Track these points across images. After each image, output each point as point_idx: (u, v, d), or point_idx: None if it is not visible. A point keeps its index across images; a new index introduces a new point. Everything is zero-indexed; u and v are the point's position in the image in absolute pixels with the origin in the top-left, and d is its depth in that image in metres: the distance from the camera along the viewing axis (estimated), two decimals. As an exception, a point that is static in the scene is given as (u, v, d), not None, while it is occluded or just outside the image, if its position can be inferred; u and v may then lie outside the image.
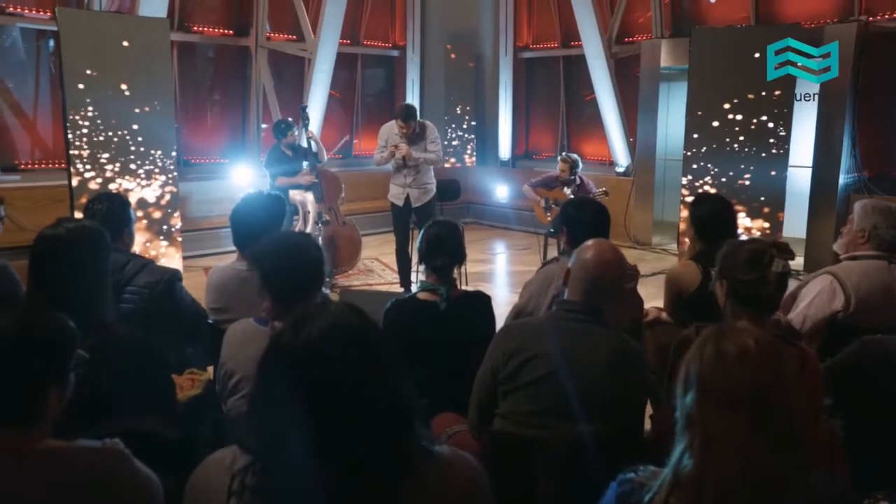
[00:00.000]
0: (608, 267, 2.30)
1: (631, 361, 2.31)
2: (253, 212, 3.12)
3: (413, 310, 2.98)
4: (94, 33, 6.81)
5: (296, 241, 2.42)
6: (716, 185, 7.67)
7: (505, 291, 7.12)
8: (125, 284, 3.17)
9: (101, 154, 6.97)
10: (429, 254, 2.99)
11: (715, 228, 3.45)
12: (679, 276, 3.43)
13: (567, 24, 10.59)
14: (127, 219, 3.30)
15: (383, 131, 6.42)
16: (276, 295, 2.32)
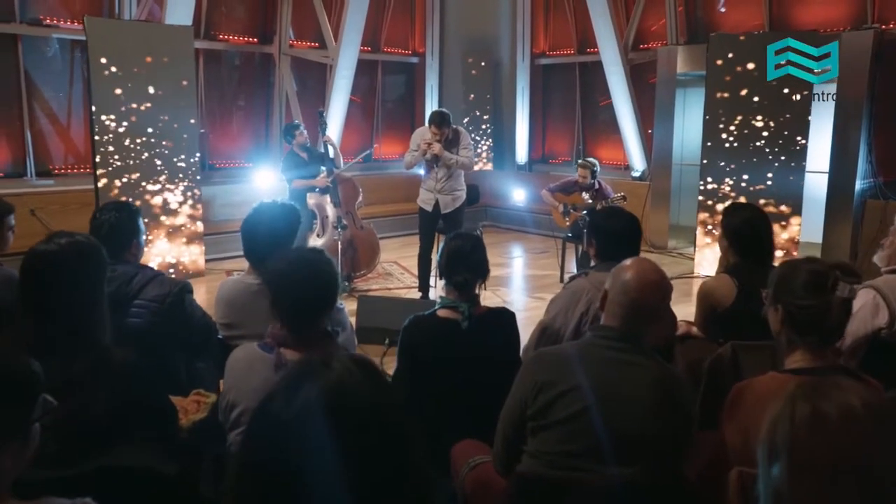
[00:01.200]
0: (651, 290, 1.97)
1: (676, 396, 1.96)
2: (265, 222, 2.80)
3: (433, 328, 2.66)
4: (121, 41, 6.58)
5: (308, 259, 2.11)
6: (733, 190, 7.30)
7: (522, 296, 6.77)
8: (133, 298, 2.88)
9: (126, 159, 6.73)
10: (450, 269, 2.66)
11: (750, 240, 3.11)
12: (712, 291, 3.07)
13: (583, 32, 10.23)
14: (135, 229, 3.00)
15: (416, 135, 6.12)
16: (285, 315, 2.01)
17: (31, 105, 7.96)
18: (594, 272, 2.85)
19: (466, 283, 2.63)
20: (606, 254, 2.87)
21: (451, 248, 2.69)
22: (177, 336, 2.95)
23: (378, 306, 5.30)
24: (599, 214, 2.99)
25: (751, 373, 2.91)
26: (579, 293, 2.80)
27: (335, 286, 2.09)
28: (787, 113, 6.96)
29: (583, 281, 2.83)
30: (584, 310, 2.76)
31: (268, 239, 2.77)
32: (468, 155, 5.97)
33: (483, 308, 2.71)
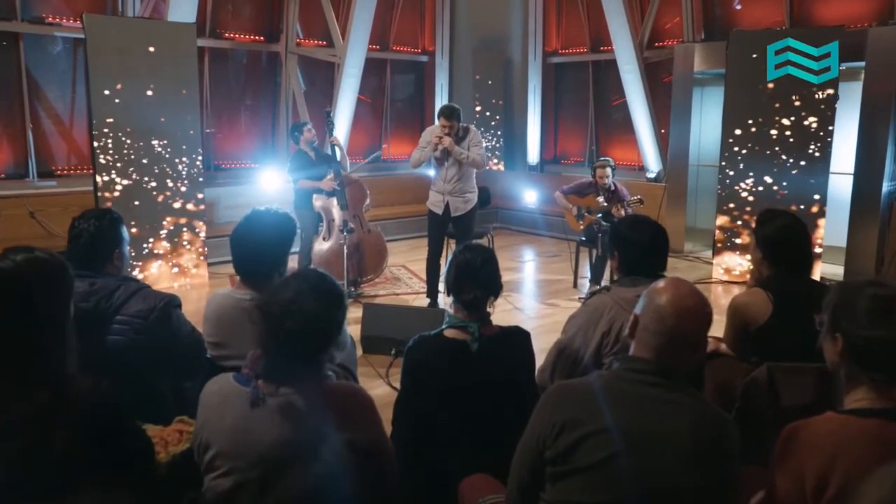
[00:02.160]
0: (690, 317, 1.69)
1: (721, 441, 1.69)
2: (257, 232, 2.55)
3: (439, 350, 2.39)
4: (122, 39, 6.35)
5: (308, 287, 1.83)
6: (753, 193, 7.01)
7: (533, 302, 6.50)
8: (114, 313, 2.63)
9: (126, 160, 6.51)
10: (458, 285, 2.40)
11: (787, 250, 2.83)
12: (745, 306, 2.80)
13: (596, 29, 9.95)
14: (117, 238, 2.75)
15: (426, 133, 5.87)
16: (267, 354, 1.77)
17: (32, 105, 7.77)
18: (617, 287, 2.58)
19: (476, 301, 2.37)
20: (630, 267, 2.60)
21: (460, 262, 2.43)
22: (162, 355, 2.69)
23: (384, 314, 5.06)
24: (622, 224, 2.71)
25: (789, 398, 2.64)
26: (600, 311, 2.53)
27: (329, 319, 1.83)
28: (811, 111, 6.66)
29: (604, 297, 2.56)
30: (605, 329, 2.50)
31: (259, 251, 2.52)
32: (479, 153, 5.71)
33: (494, 328, 2.44)
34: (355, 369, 3.18)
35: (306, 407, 1.74)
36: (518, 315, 6.04)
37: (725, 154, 7.10)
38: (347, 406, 1.83)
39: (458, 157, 5.62)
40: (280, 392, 1.76)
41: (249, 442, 1.73)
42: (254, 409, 1.74)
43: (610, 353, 2.49)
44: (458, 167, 5.68)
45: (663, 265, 2.61)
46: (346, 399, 1.83)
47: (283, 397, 1.75)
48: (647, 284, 2.55)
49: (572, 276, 6.99)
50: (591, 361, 2.52)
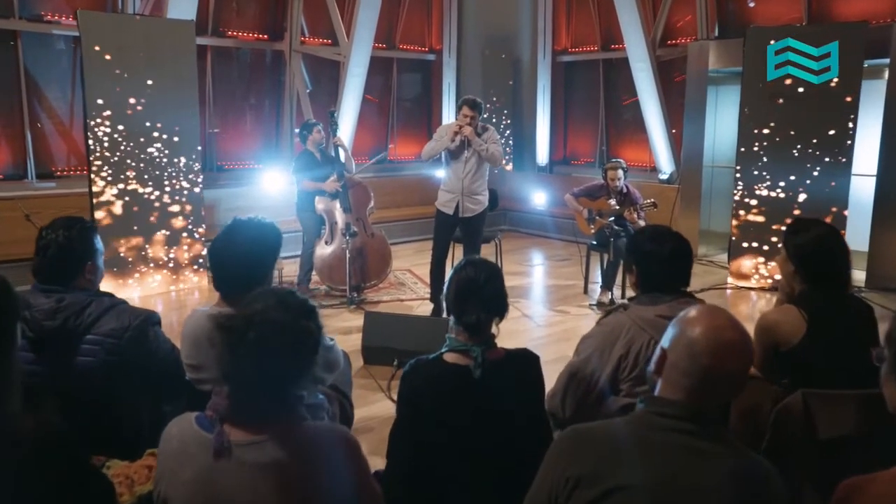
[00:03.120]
0: (728, 354, 1.43)
1: (764, 498, 1.42)
2: (238, 244, 2.30)
3: (438, 377, 2.14)
4: (117, 36, 6.13)
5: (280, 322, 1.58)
6: (771, 195, 6.73)
7: (542, 309, 6.23)
8: (84, 332, 2.40)
9: (123, 161, 6.29)
10: (459, 305, 2.15)
11: (822, 263, 2.57)
12: (776, 325, 2.53)
13: (607, 27, 9.67)
14: (89, 250, 2.51)
15: (442, 128, 5.67)
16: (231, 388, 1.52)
17: (31, 104, 7.57)
18: (635, 305, 2.32)
19: (479, 323, 2.11)
20: (650, 283, 2.34)
21: (461, 279, 2.17)
22: (138, 377, 2.46)
23: (385, 323, 4.81)
24: (642, 236, 2.44)
25: (828, 429, 2.37)
26: (617, 332, 2.27)
27: (305, 333, 1.58)
28: (832, 111, 6.37)
29: (621, 316, 2.31)
30: (622, 352, 2.24)
31: (240, 264, 2.27)
32: (497, 148, 5.49)
33: (499, 351, 2.19)
34: (350, 389, 2.94)
35: (281, 458, 1.50)
36: (526, 322, 5.78)
37: (742, 154, 6.81)
38: (329, 455, 1.58)
39: (478, 147, 5.39)
40: (249, 440, 1.51)
41: (212, 501, 1.49)
42: (218, 461, 1.49)
43: (628, 378, 2.24)
44: (476, 162, 5.44)
45: (686, 281, 2.35)
46: (327, 446, 1.58)
47: (253, 446, 1.51)
48: (668, 303, 2.31)
49: (583, 282, 6.73)
50: (606, 387, 2.26)
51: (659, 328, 2.22)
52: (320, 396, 2.49)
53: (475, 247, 5.55)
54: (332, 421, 2.56)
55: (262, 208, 8.43)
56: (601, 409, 2.28)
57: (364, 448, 3.55)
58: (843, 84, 6.29)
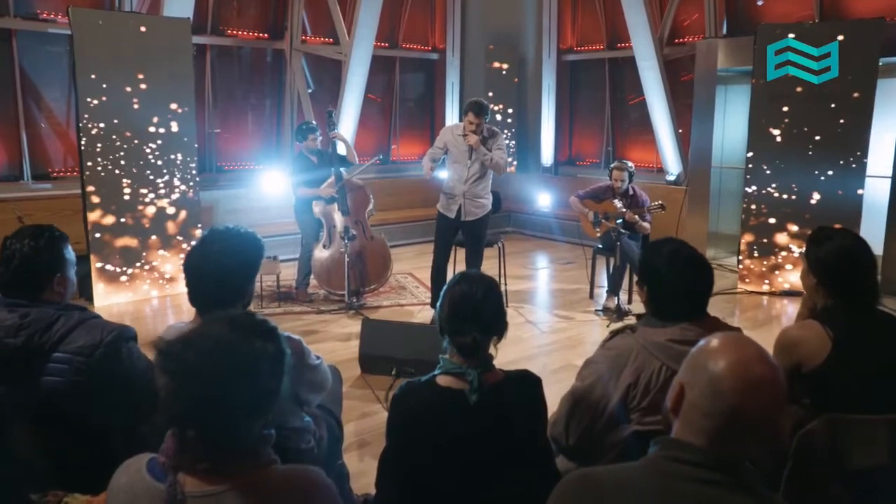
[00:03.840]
0: (759, 393, 1.23)
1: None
2: (214, 256, 2.10)
3: (431, 402, 1.95)
4: (111, 34, 5.96)
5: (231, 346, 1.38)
6: (782, 198, 6.51)
7: (547, 315, 6.03)
8: (51, 349, 2.22)
9: (116, 162, 6.11)
10: (453, 324, 1.96)
11: (848, 276, 2.37)
12: (798, 343, 2.33)
13: (613, 25, 9.47)
14: (58, 261, 2.33)
15: (444, 132, 5.44)
16: (179, 434, 1.33)
17: (27, 104, 7.40)
18: (644, 327, 2.12)
19: (476, 345, 1.92)
20: (661, 309, 2.13)
21: (456, 295, 1.98)
22: (110, 398, 2.27)
23: (384, 331, 4.62)
24: (656, 253, 2.16)
25: (857, 458, 2.17)
26: (625, 356, 2.07)
27: (267, 380, 1.38)
28: (846, 110, 6.16)
29: (629, 339, 2.10)
30: (631, 380, 2.04)
31: (216, 279, 2.08)
32: (502, 156, 5.29)
33: (498, 374, 1.99)
34: (339, 407, 2.75)
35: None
36: (530, 329, 5.59)
37: (752, 155, 6.60)
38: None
39: (483, 158, 5.20)
40: (206, 490, 1.32)
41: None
42: (172, 517, 1.30)
43: (637, 407, 2.04)
44: (480, 167, 5.26)
45: (702, 304, 2.14)
46: (298, 494, 1.38)
47: (210, 498, 1.32)
48: (681, 326, 2.10)
49: (588, 286, 6.53)
50: (614, 416, 2.07)
51: (671, 354, 2.03)
52: (306, 419, 2.31)
53: (477, 251, 5.37)
54: (319, 444, 2.37)
55: (261, 210, 8.31)
56: (608, 439, 2.08)
57: (357, 464, 3.40)
58: (856, 83, 6.08)
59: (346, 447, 3.61)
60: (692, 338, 2.06)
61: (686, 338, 2.06)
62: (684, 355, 2.06)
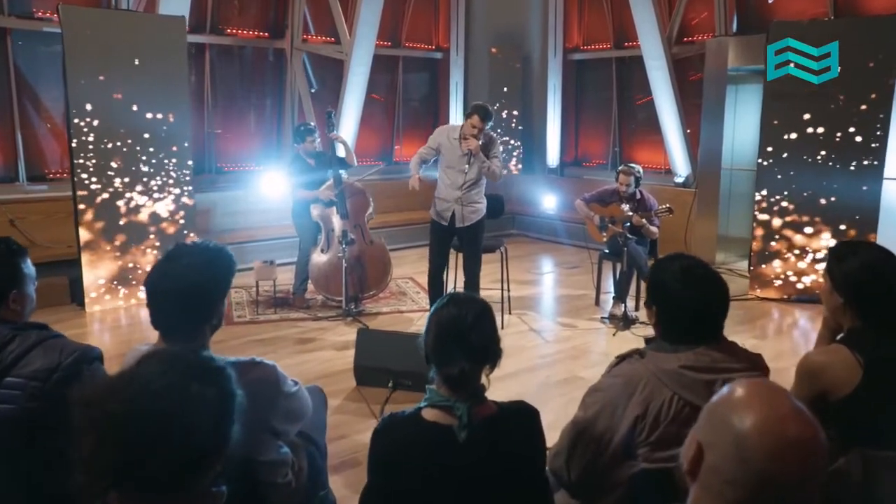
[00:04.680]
0: (796, 457, 1.02)
1: None
2: (177, 274, 1.89)
3: (416, 438, 1.75)
4: (102, 32, 5.77)
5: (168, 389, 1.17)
6: (794, 201, 6.28)
7: (551, 323, 5.81)
8: (3, 374, 2.02)
9: (109, 164, 5.93)
10: (440, 352, 1.75)
11: (878, 296, 2.14)
12: (823, 369, 2.11)
13: (620, 24, 9.23)
14: (14, 275, 2.15)
15: (437, 133, 5.21)
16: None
17: (22, 104, 7.23)
18: (653, 353, 1.91)
19: (464, 376, 1.71)
20: (672, 333, 1.92)
21: (444, 319, 1.77)
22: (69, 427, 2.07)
23: (380, 341, 4.43)
24: (667, 271, 1.96)
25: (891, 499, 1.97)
26: (632, 385, 1.86)
27: (210, 432, 1.17)
28: (862, 111, 5.92)
29: (637, 366, 1.89)
30: (639, 412, 1.83)
31: (180, 300, 1.88)
32: (499, 165, 5.07)
33: (490, 407, 1.78)
34: (323, 433, 2.54)
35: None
36: (534, 338, 5.37)
37: (764, 156, 6.37)
38: None
39: (481, 165, 4.97)
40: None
41: None
42: None
43: (646, 441, 1.84)
44: (476, 173, 5.04)
45: (718, 333, 1.93)
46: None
47: None
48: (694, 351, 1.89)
49: (594, 292, 6.31)
50: (620, 451, 1.86)
51: (683, 382, 1.82)
52: (283, 450, 2.11)
53: (475, 256, 5.15)
54: (297, 476, 2.17)
55: (260, 212, 8.11)
56: (613, 475, 1.87)
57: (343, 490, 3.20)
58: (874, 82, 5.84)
59: (337, 466, 3.42)
60: (707, 364, 1.86)
61: (700, 364, 1.85)
62: (697, 384, 1.86)
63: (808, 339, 5.48)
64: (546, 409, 4.11)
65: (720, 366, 1.85)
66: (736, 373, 1.85)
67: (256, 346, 5.17)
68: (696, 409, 1.82)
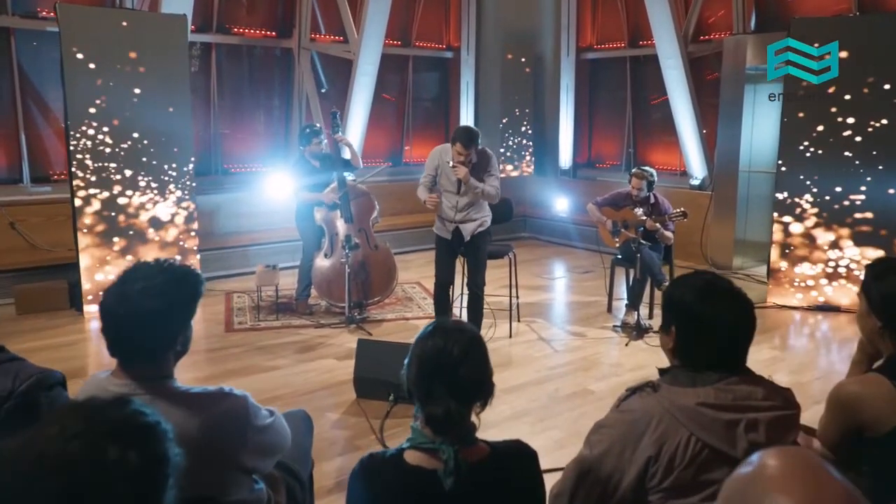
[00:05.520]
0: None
1: None
2: (137, 297, 1.69)
3: (396, 484, 1.53)
4: (101, 31, 5.60)
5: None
6: (817, 204, 6.01)
7: (561, 332, 5.58)
8: (-49, 400, 1.83)
9: (108, 167, 5.77)
10: (422, 388, 1.54)
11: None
12: (860, 402, 1.88)
13: (635, 22, 8.97)
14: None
15: (433, 156, 4.94)
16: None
17: (26, 105, 7.10)
18: (669, 386, 1.68)
19: (450, 417, 1.49)
20: (691, 359, 1.70)
21: (427, 352, 1.56)
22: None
23: (381, 352, 4.21)
24: (686, 288, 1.73)
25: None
26: (644, 423, 1.63)
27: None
28: (888, 110, 5.65)
29: (650, 400, 1.66)
30: (651, 453, 1.61)
31: (138, 325, 1.67)
32: (494, 185, 4.80)
33: (481, 449, 1.57)
34: (305, 464, 2.32)
35: None
36: (542, 347, 5.15)
37: (784, 157, 6.10)
38: None
39: (474, 190, 4.74)
40: None
41: None
42: None
43: (658, 487, 1.61)
44: (471, 198, 4.81)
45: (742, 359, 1.70)
46: None
47: None
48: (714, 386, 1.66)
49: (606, 299, 6.07)
50: (629, 496, 1.63)
51: (702, 422, 1.59)
52: (258, 486, 1.90)
53: (478, 265, 4.91)
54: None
55: (266, 214, 7.92)
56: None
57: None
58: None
59: (332, 487, 3.22)
60: (728, 401, 1.63)
61: (721, 401, 1.62)
62: (718, 424, 1.63)
63: (830, 351, 5.22)
64: (553, 424, 3.91)
65: (744, 403, 1.62)
66: (762, 412, 1.62)
67: (256, 353, 4.99)
68: (717, 452, 1.60)
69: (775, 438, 1.61)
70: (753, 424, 1.60)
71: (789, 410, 1.67)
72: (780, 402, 1.66)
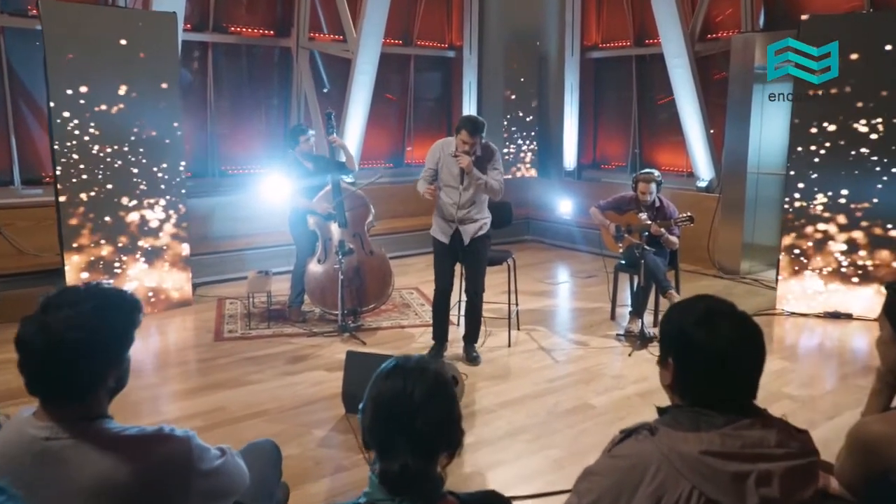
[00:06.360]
0: None
1: None
2: (59, 327, 1.47)
3: (348, 548, 1.31)
4: (87, 30, 5.40)
5: None
6: (828, 206, 5.76)
7: (562, 340, 5.35)
8: None
9: (94, 170, 5.57)
10: (376, 437, 1.32)
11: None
12: (886, 442, 1.66)
13: (641, 20, 8.73)
14: None
15: (434, 150, 4.71)
16: None
17: (16, 105, 6.92)
18: (667, 429, 1.46)
19: (407, 475, 1.27)
20: (692, 394, 1.48)
21: (382, 395, 1.33)
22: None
23: (370, 365, 3.93)
24: (683, 310, 1.53)
25: None
26: (639, 472, 1.41)
27: None
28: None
29: (646, 447, 1.44)
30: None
31: (59, 361, 1.46)
32: (498, 178, 4.58)
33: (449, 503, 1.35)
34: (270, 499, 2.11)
35: None
36: (542, 358, 4.92)
37: (794, 158, 5.85)
38: None
39: (476, 182, 4.51)
40: None
41: None
42: None
43: (657, 548, 1.38)
44: (475, 191, 4.58)
45: (752, 393, 1.48)
46: None
47: None
48: (720, 430, 1.44)
49: (610, 305, 5.84)
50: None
51: (705, 473, 1.37)
52: None
53: (477, 272, 4.69)
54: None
55: (262, 217, 7.71)
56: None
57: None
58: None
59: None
60: (737, 449, 1.41)
61: (728, 449, 1.40)
62: (724, 476, 1.40)
63: (843, 362, 4.97)
64: (552, 443, 3.68)
65: (754, 451, 1.40)
66: (776, 461, 1.40)
67: (245, 364, 4.78)
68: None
69: (791, 493, 1.39)
70: (766, 477, 1.38)
71: (807, 459, 1.44)
72: (796, 450, 1.43)
